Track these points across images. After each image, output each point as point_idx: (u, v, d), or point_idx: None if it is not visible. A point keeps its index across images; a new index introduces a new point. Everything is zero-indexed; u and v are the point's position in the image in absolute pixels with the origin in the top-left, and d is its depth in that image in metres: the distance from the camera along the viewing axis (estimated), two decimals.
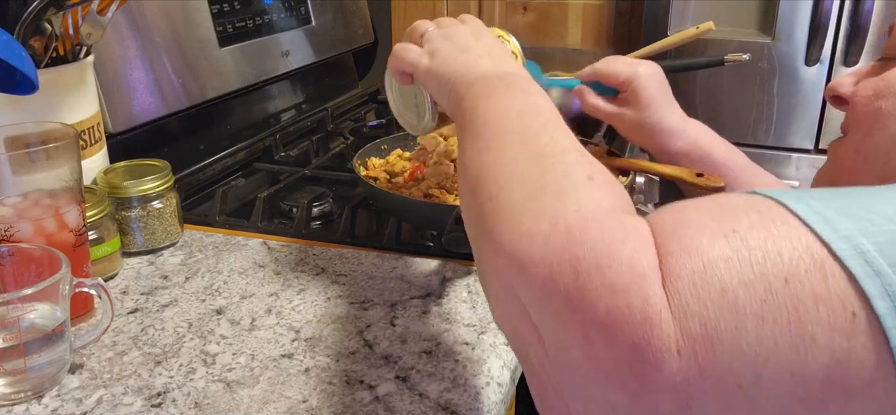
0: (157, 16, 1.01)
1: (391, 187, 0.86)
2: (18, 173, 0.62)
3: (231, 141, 1.14)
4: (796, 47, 1.69)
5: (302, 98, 1.38)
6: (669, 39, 1.27)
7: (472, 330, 0.65)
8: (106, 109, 0.90)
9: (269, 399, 0.56)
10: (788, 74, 1.72)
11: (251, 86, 1.18)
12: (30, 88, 0.66)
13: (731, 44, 1.71)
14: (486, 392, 0.57)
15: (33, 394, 0.56)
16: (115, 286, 0.73)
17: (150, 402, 0.56)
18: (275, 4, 1.26)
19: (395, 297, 0.70)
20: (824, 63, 1.69)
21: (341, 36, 1.48)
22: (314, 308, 0.69)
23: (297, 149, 1.18)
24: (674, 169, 0.84)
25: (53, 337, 0.56)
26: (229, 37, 1.13)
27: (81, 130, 0.77)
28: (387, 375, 0.59)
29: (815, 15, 1.64)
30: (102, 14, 0.75)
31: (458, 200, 0.80)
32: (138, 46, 0.97)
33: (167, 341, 0.63)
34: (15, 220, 0.61)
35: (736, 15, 1.77)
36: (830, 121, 1.73)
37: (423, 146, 0.94)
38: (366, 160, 0.93)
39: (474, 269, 0.76)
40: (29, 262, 0.59)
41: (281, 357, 0.61)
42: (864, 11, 1.60)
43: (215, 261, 0.78)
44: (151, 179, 0.78)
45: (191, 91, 1.05)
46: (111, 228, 0.74)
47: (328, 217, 0.93)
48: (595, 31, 1.94)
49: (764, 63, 1.72)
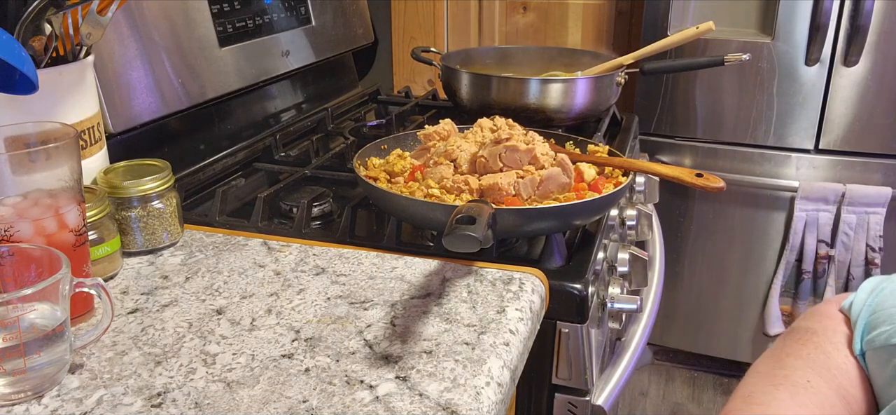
0: (157, 16, 1.01)
1: (391, 187, 0.86)
2: (18, 173, 0.62)
3: (231, 141, 1.14)
4: (796, 47, 1.69)
5: (302, 98, 1.38)
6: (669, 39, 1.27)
7: (472, 330, 0.65)
8: (106, 109, 0.90)
9: (269, 399, 0.56)
10: (788, 74, 1.72)
11: (251, 86, 1.19)
12: (30, 88, 0.66)
13: (731, 44, 1.71)
14: (486, 392, 0.57)
15: (33, 394, 0.56)
16: (115, 286, 0.73)
17: (150, 402, 0.56)
18: (275, 4, 1.26)
19: (395, 297, 0.70)
20: (824, 63, 1.69)
21: (341, 36, 1.48)
22: (314, 308, 0.69)
23: (297, 149, 1.18)
24: (674, 169, 0.84)
25: (53, 337, 0.56)
26: (229, 37, 1.13)
27: (81, 130, 0.77)
28: (387, 375, 0.59)
29: (815, 15, 1.64)
30: (102, 14, 0.75)
31: (458, 200, 0.80)
32: (138, 46, 0.97)
33: (167, 341, 0.63)
34: (15, 220, 0.61)
35: (736, 15, 1.77)
36: (830, 121, 1.73)
37: (424, 146, 0.94)
38: (366, 160, 0.93)
39: (474, 269, 0.76)
40: (29, 262, 0.59)
41: (281, 357, 0.61)
42: (864, 11, 1.60)
43: (215, 261, 0.78)
44: (151, 179, 0.78)
45: (191, 91, 1.05)
46: (111, 228, 0.74)
47: (328, 217, 0.93)
48: (595, 31, 1.94)
49: (764, 63, 1.72)
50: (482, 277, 0.74)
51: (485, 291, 0.72)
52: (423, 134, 0.94)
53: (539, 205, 0.79)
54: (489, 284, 0.73)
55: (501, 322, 0.66)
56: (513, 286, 0.72)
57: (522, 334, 0.66)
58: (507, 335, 0.65)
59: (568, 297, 0.75)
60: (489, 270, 0.75)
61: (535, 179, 0.81)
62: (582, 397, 0.80)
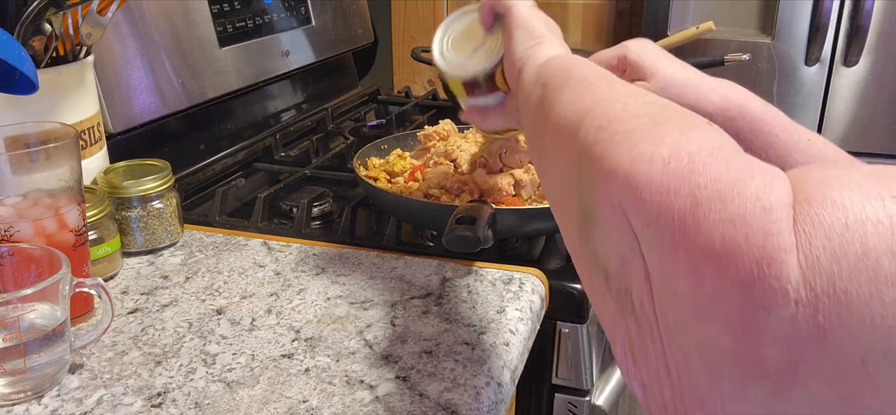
0: (157, 16, 1.01)
1: (391, 187, 0.86)
2: (18, 173, 0.62)
3: (231, 141, 1.14)
4: (796, 47, 1.69)
5: (302, 98, 1.38)
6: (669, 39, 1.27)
7: (472, 330, 0.65)
8: (106, 109, 0.90)
9: (269, 399, 0.56)
10: (788, 74, 1.72)
11: (251, 86, 1.19)
12: (30, 88, 0.66)
13: (731, 44, 1.71)
14: (486, 392, 0.57)
15: (33, 394, 0.56)
16: (115, 286, 0.73)
17: (150, 402, 0.55)
18: (275, 4, 1.26)
19: (395, 297, 0.70)
20: (824, 63, 1.69)
21: (341, 36, 1.48)
22: (314, 308, 0.69)
23: (297, 149, 1.18)
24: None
25: (53, 337, 0.56)
26: (229, 37, 1.13)
27: (81, 130, 0.77)
28: (387, 375, 0.59)
29: (815, 15, 1.64)
30: (102, 14, 0.75)
31: (458, 200, 0.80)
32: (138, 46, 0.97)
33: (167, 341, 0.63)
34: (15, 220, 0.61)
35: (736, 15, 1.77)
36: (830, 121, 1.73)
37: (424, 146, 0.94)
38: (366, 160, 0.93)
39: (475, 269, 0.76)
40: (29, 262, 0.59)
41: (281, 357, 0.61)
42: (864, 11, 1.60)
43: (215, 261, 0.78)
44: (151, 179, 0.78)
45: (191, 91, 1.05)
46: (111, 228, 0.74)
47: (328, 217, 0.93)
48: (595, 31, 1.94)
49: (764, 63, 1.72)
50: (482, 277, 0.74)
51: (485, 291, 0.72)
52: (423, 134, 0.94)
53: (539, 205, 0.79)
54: (489, 284, 0.73)
55: (501, 322, 0.66)
56: (513, 286, 0.72)
57: (522, 334, 0.66)
58: (506, 335, 0.65)
59: (568, 297, 0.75)
60: (489, 270, 0.75)
61: (535, 179, 0.81)
62: (582, 397, 0.80)
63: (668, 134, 0.32)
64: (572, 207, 0.38)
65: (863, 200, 0.27)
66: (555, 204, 0.45)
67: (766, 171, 0.30)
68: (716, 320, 0.28)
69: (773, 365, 0.27)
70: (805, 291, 0.26)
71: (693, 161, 0.30)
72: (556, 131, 0.43)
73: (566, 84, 0.45)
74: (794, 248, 0.27)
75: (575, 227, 0.38)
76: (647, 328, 0.32)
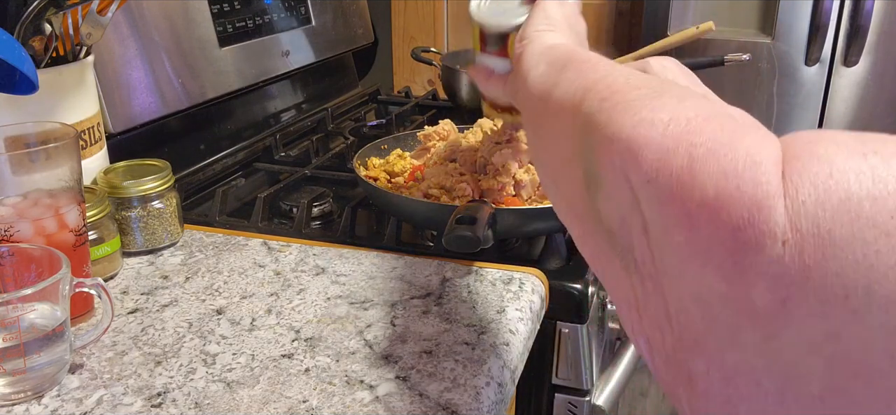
0: (157, 16, 1.01)
1: (391, 187, 0.86)
2: (18, 173, 0.62)
3: (231, 141, 1.14)
4: (796, 47, 1.69)
5: (302, 98, 1.38)
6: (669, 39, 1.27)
7: (472, 330, 0.65)
8: (106, 109, 0.90)
9: (269, 399, 0.56)
10: (788, 74, 1.72)
11: (251, 86, 1.19)
12: (30, 88, 0.66)
13: (731, 44, 1.71)
14: (486, 392, 0.57)
15: (33, 394, 0.56)
16: (115, 286, 0.73)
17: (150, 402, 0.56)
18: (275, 4, 1.26)
19: (395, 297, 0.70)
20: (824, 63, 1.69)
21: (341, 36, 1.48)
22: (314, 308, 0.69)
23: (297, 149, 1.18)
24: None
25: (53, 337, 0.56)
26: (229, 37, 1.13)
27: (81, 130, 0.77)
28: (387, 375, 0.59)
29: (815, 15, 1.64)
30: (102, 14, 0.75)
31: (458, 200, 0.80)
32: (138, 46, 0.97)
33: (167, 341, 0.63)
34: (15, 220, 0.61)
35: (736, 15, 1.77)
36: (830, 121, 1.73)
37: (424, 146, 0.94)
38: (366, 160, 0.93)
39: (475, 268, 0.76)
40: (29, 262, 0.59)
41: (281, 357, 0.61)
42: (864, 11, 1.60)
43: (215, 261, 0.78)
44: (151, 179, 0.78)
45: (191, 91, 1.05)
46: (111, 228, 0.74)
47: (328, 217, 0.93)
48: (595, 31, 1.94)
49: (764, 63, 1.72)
50: (482, 277, 0.74)
51: (485, 291, 0.72)
52: (423, 134, 0.94)
53: (539, 205, 0.79)
54: (489, 284, 0.73)
55: (501, 322, 0.66)
56: (513, 286, 0.72)
57: (522, 334, 0.66)
58: (507, 335, 0.65)
59: (568, 297, 0.75)
60: (489, 270, 0.75)
61: (535, 179, 0.81)
62: (582, 397, 0.80)
63: (667, 102, 0.35)
64: (576, 175, 0.41)
65: (847, 154, 0.29)
66: (555, 177, 0.47)
67: (757, 132, 0.32)
68: (710, 265, 0.30)
69: (763, 304, 0.29)
70: (791, 233, 0.28)
71: (690, 123, 0.33)
72: (559, 104, 0.46)
73: (570, 64, 0.48)
74: (781, 195, 0.29)
75: (579, 193, 0.41)
76: (650, 281, 0.35)
